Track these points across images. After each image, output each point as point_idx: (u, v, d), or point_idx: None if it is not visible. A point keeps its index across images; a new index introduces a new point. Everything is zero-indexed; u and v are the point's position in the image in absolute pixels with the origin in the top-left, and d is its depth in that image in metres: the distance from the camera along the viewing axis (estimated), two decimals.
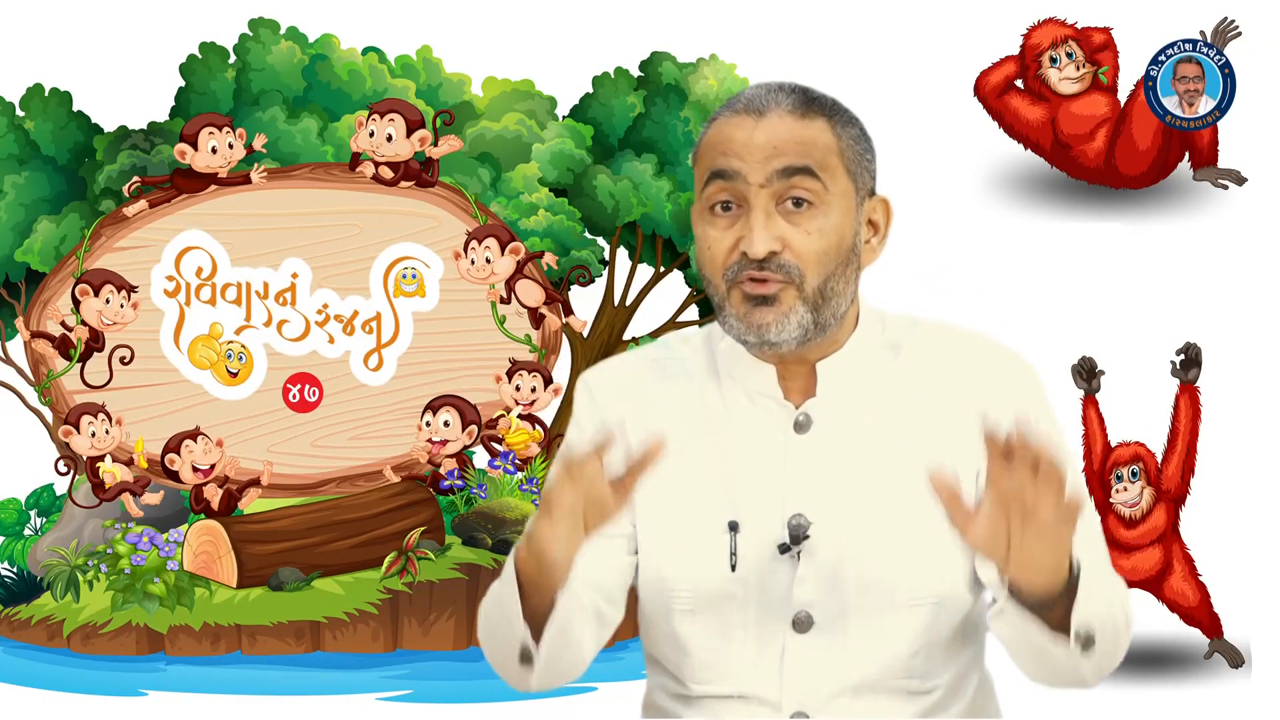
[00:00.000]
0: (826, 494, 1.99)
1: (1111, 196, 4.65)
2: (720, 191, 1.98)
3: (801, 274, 1.95)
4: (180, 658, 4.76)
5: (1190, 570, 4.31)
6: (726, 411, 2.05)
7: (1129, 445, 4.29)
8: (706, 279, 2.01)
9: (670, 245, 5.23)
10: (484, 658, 2.07)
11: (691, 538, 2.02)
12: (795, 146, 1.96)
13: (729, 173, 1.96)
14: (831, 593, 1.98)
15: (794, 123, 1.97)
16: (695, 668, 2.03)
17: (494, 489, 5.02)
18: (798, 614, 1.99)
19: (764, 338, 1.97)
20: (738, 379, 2.06)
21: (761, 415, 2.04)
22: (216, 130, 4.96)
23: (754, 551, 1.99)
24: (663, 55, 5.19)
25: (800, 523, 1.98)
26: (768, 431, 2.03)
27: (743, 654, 2.01)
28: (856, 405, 2.02)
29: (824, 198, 1.97)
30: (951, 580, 1.99)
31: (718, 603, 2.01)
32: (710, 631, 2.02)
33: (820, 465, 2.00)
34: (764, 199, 1.95)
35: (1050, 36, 4.60)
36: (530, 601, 1.91)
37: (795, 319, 1.96)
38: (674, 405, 2.07)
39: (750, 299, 1.96)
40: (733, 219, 1.98)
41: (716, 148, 1.99)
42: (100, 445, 4.92)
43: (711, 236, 1.98)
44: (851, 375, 2.03)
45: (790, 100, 1.99)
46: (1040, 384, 2.05)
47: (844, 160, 1.99)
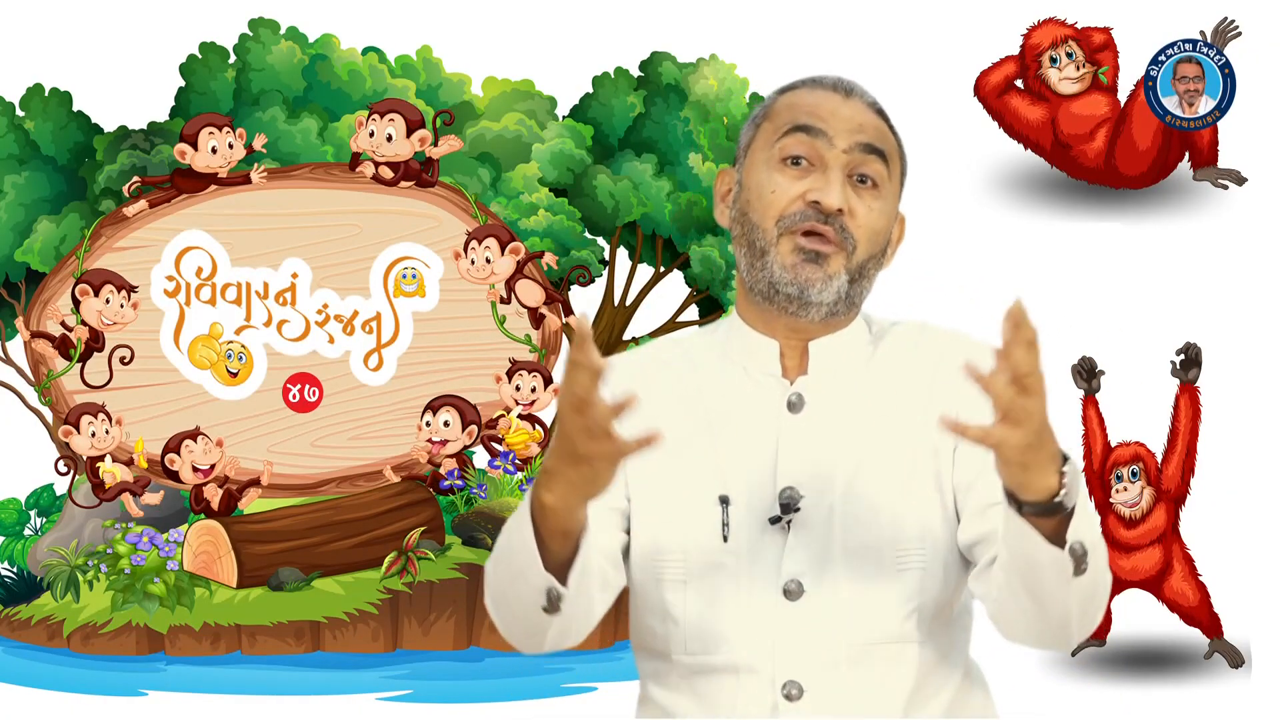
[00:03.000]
0: (817, 467, 2.04)
1: (1111, 196, 4.65)
2: (799, 144, 2.04)
3: (855, 243, 2.04)
4: (180, 658, 4.76)
5: (1190, 570, 4.31)
6: (719, 388, 2.10)
7: (1129, 445, 4.29)
8: (753, 223, 2.06)
9: (670, 245, 5.23)
10: (484, 658, 2.07)
11: (684, 509, 2.05)
12: (875, 130, 2.07)
13: (814, 129, 2.04)
14: (821, 562, 2.02)
15: (873, 114, 2.08)
16: (685, 638, 2.05)
17: (494, 489, 5.03)
18: (788, 583, 2.02)
19: (805, 293, 2.03)
20: (734, 357, 2.11)
21: (754, 391, 2.08)
22: (216, 130, 4.96)
23: (745, 523, 2.03)
24: (663, 55, 5.19)
25: (791, 495, 2.02)
26: (760, 407, 2.08)
27: (734, 623, 2.03)
28: (844, 385, 2.08)
29: (886, 185, 2.07)
30: (934, 544, 2.04)
31: (709, 573, 2.04)
32: (701, 601, 2.04)
33: (811, 442, 2.05)
34: (842, 163, 2.04)
35: (1050, 36, 4.60)
36: (551, 547, 1.91)
37: (837, 284, 2.04)
38: (667, 389, 2.11)
39: (802, 251, 2.03)
40: (803, 172, 2.04)
41: (801, 107, 2.06)
42: (100, 445, 4.92)
43: (779, 182, 2.04)
44: (841, 357, 2.09)
45: (870, 96, 2.11)
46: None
47: (900, 164, 2.11)
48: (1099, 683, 4.33)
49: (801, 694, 2.02)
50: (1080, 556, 1.86)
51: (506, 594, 1.99)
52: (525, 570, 1.92)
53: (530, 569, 1.91)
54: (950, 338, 2.12)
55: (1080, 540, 1.86)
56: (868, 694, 2.03)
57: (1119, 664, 4.37)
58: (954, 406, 2.04)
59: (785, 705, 2.02)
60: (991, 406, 1.77)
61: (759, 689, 2.03)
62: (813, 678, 2.02)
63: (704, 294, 5.24)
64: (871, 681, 2.02)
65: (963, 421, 1.80)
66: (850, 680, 2.02)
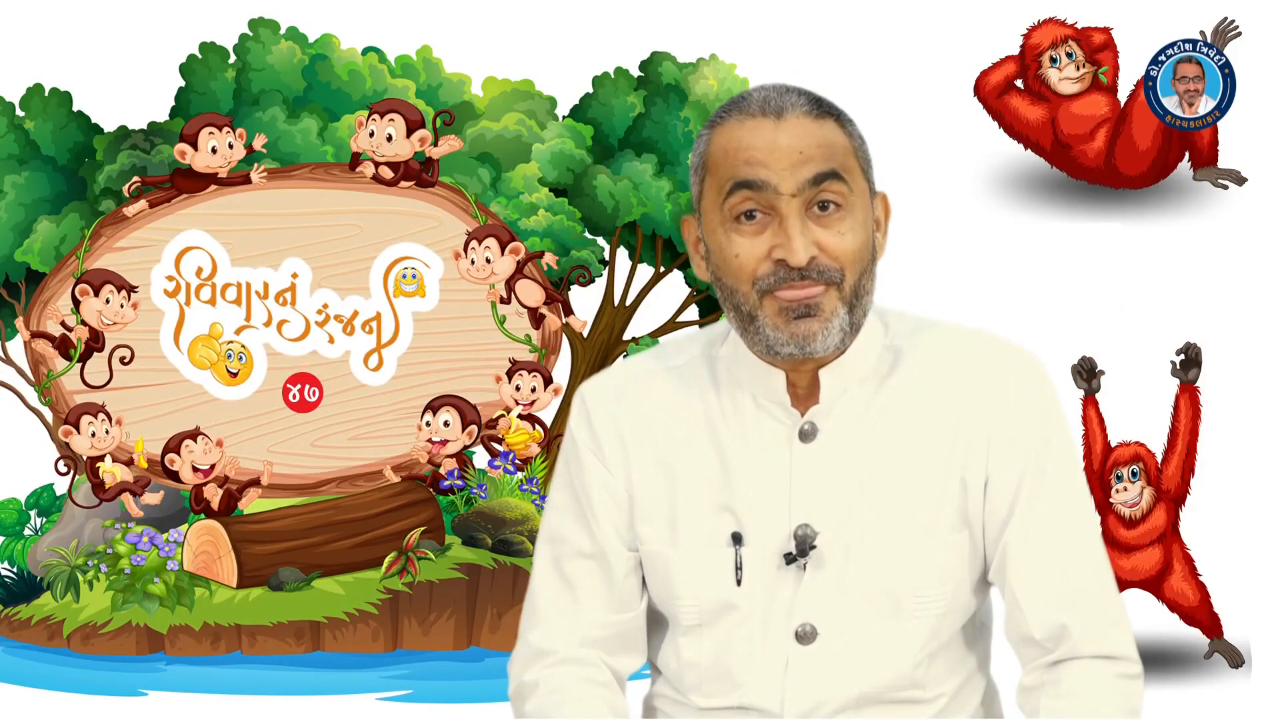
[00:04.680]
0: (832, 503, 1.97)
1: (1111, 196, 4.65)
2: (746, 201, 1.93)
3: (841, 273, 1.93)
4: (180, 658, 4.76)
5: (1190, 570, 4.31)
6: (728, 419, 2.02)
7: (1129, 445, 4.29)
8: (731, 289, 1.96)
9: (670, 245, 5.23)
10: (484, 658, 2.07)
11: (695, 551, 2.00)
12: (819, 151, 1.93)
13: (757, 183, 1.92)
14: (837, 603, 1.96)
15: (812, 125, 1.94)
16: (698, 680, 2.02)
17: (494, 489, 5.02)
18: (801, 626, 1.97)
19: (807, 348, 1.94)
20: (742, 384, 2.03)
21: (765, 422, 2.01)
22: (216, 130, 4.96)
23: (759, 563, 1.97)
24: (663, 55, 5.19)
25: (806, 533, 1.96)
26: (772, 440, 2.00)
27: (746, 667, 1.99)
28: (861, 410, 2.00)
29: (849, 199, 1.94)
30: (956, 586, 1.98)
31: (722, 615, 1.99)
32: (714, 645, 2.00)
33: (825, 474, 1.98)
34: (795, 207, 1.91)
35: (1050, 36, 4.59)
36: None
37: (837, 324, 1.94)
38: (673, 416, 2.04)
39: (789, 310, 1.93)
40: (760, 226, 1.93)
41: (738, 155, 1.93)
42: (100, 445, 4.92)
43: (740, 244, 1.94)
44: (855, 381, 2.00)
45: (803, 101, 1.95)
46: (1048, 382, 2.03)
47: (858, 159, 1.97)
48: None
49: None
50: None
51: None
52: None
53: None
54: (976, 345, 2.02)
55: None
56: None
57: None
58: (985, 433, 1.95)
59: None
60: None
61: None
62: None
63: (704, 294, 5.24)
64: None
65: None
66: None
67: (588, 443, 2.06)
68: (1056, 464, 1.98)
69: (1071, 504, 1.99)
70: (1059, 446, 1.99)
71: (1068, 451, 2.02)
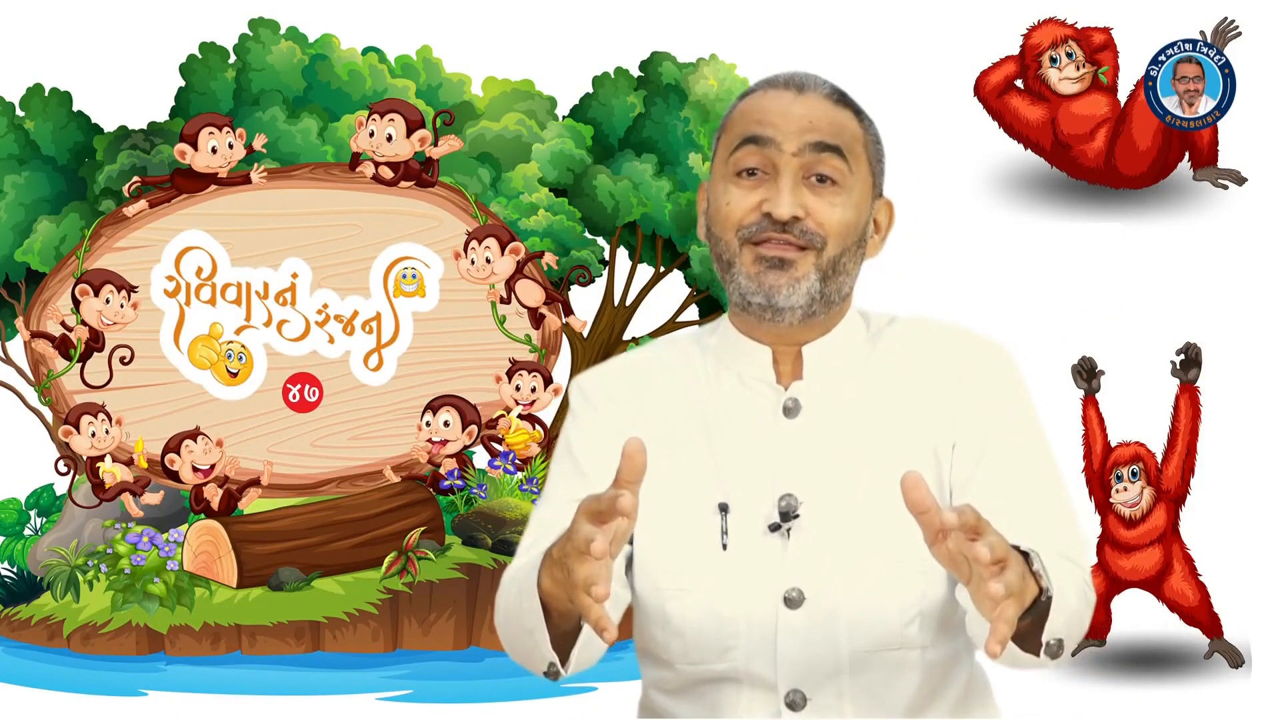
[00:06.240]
0: (815, 473, 2.03)
1: (1111, 196, 4.65)
2: (751, 156, 2.03)
3: (824, 240, 2.02)
4: (180, 658, 4.76)
5: (1190, 570, 4.31)
6: (715, 396, 2.09)
7: (1129, 445, 4.29)
8: (717, 237, 2.05)
9: (670, 245, 5.23)
10: (484, 658, 2.07)
11: (682, 518, 2.05)
12: (829, 126, 2.03)
13: (763, 138, 2.02)
14: (823, 567, 2.01)
15: (829, 106, 2.05)
16: (687, 648, 2.05)
17: (494, 489, 5.03)
18: (789, 591, 2.01)
19: (773, 300, 2.02)
20: (729, 364, 2.10)
21: (751, 399, 2.08)
22: (216, 130, 4.96)
23: (744, 531, 2.02)
24: (663, 55, 5.19)
25: (790, 503, 2.01)
26: (756, 414, 2.07)
27: (735, 632, 2.02)
28: (841, 388, 2.07)
29: (847, 180, 2.03)
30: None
31: (709, 582, 2.03)
32: (702, 611, 2.03)
33: (808, 446, 2.04)
34: (793, 168, 2.01)
35: (1050, 36, 4.60)
36: (555, 621, 1.92)
37: (805, 286, 2.02)
38: (664, 395, 2.11)
39: (764, 259, 2.02)
40: (757, 183, 2.03)
41: (751, 115, 2.05)
42: (100, 445, 4.92)
43: (734, 195, 2.03)
44: (836, 360, 2.08)
45: (827, 87, 2.07)
46: (1015, 367, 2.10)
47: (867, 152, 2.07)
48: (1099, 683, 4.33)
49: (805, 702, 2.01)
50: (1057, 650, 1.86)
51: (514, 643, 2.00)
52: (532, 633, 1.93)
53: (535, 635, 1.92)
54: (949, 333, 2.11)
55: (1055, 638, 1.84)
56: (871, 701, 2.02)
57: (1119, 664, 4.37)
58: (954, 407, 2.04)
59: (789, 713, 2.02)
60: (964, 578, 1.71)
61: (762, 697, 2.03)
62: (816, 686, 2.01)
63: (704, 294, 5.24)
64: (875, 688, 2.02)
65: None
66: (853, 687, 2.01)
67: (582, 408, 2.14)
68: (1019, 427, 2.06)
69: (1032, 457, 2.06)
70: (1021, 412, 2.07)
71: (1030, 415, 2.09)
